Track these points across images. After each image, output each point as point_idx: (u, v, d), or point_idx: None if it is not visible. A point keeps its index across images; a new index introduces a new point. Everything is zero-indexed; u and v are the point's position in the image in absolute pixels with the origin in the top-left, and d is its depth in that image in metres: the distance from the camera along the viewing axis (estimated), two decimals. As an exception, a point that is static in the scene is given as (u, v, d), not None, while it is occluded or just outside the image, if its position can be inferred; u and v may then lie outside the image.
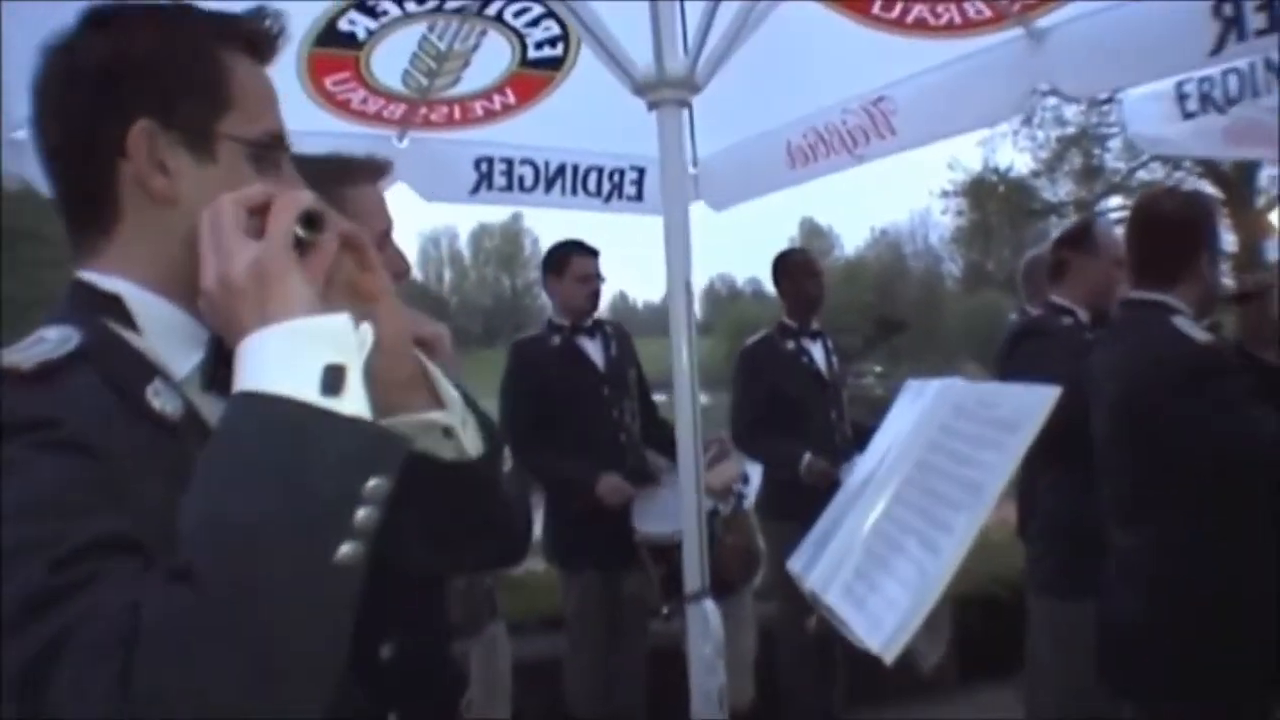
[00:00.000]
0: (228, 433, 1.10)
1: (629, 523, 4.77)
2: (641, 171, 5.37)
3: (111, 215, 1.33)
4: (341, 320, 1.14)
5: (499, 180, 5.07)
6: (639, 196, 5.39)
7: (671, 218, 3.07)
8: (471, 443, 1.43)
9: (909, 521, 2.06)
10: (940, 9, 4.01)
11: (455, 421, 1.40)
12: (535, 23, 4.32)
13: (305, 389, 1.08)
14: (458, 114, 4.83)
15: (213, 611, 0.97)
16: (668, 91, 3.06)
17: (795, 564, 2.35)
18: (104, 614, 0.97)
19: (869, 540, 2.12)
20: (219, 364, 1.30)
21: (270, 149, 1.38)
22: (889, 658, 1.88)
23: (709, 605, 3.02)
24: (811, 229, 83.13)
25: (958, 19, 4.03)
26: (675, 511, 3.36)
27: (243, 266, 1.15)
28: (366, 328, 1.18)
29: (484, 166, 5.03)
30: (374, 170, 2.23)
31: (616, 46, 3.07)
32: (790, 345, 5.64)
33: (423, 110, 4.72)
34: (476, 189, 5.04)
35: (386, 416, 1.32)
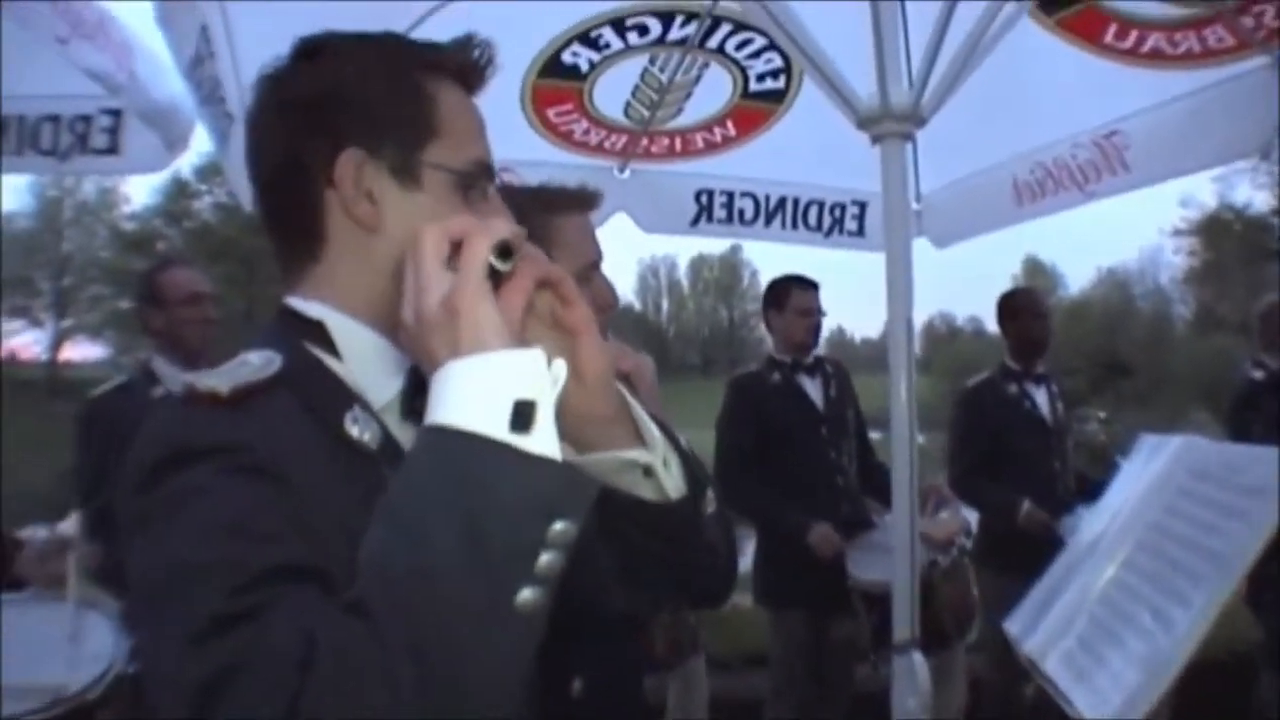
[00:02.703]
0: (411, 466, 1.09)
1: (842, 566, 4.65)
2: (863, 206, 5.26)
3: (318, 242, 1.35)
4: (533, 355, 1.11)
5: (719, 213, 5.06)
6: (860, 231, 5.28)
7: (893, 254, 2.98)
8: (673, 483, 1.38)
9: (1141, 591, 1.92)
10: (1178, 37, 3.80)
11: (656, 461, 1.35)
12: (757, 55, 4.31)
13: (493, 425, 1.06)
14: (679, 145, 4.83)
15: (385, 652, 0.96)
16: (891, 124, 2.98)
17: (1013, 626, 2.22)
18: (279, 642, 0.98)
19: (1095, 608, 1.98)
20: (418, 392, 1.31)
21: (477, 178, 1.37)
22: (1115, 741, 1.73)
23: (917, 657, 2.90)
24: (1035, 267, 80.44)
25: (1197, 47, 3.81)
26: (890, 559, 3.25)
27: (436, 299, 1.14)
28: (560, 363, 1.14)
29: (704, 199, 5.02)
30: (583, 200, 2.22)
31: (839, 79, 3.01)
32: (1013, 389, 5.43)
33: (644, 142, 4.74)
34: (696, 221, 5.05)
35: (586, 453, 1.30)
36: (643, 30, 4.10)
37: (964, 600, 4.75)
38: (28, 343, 53.15)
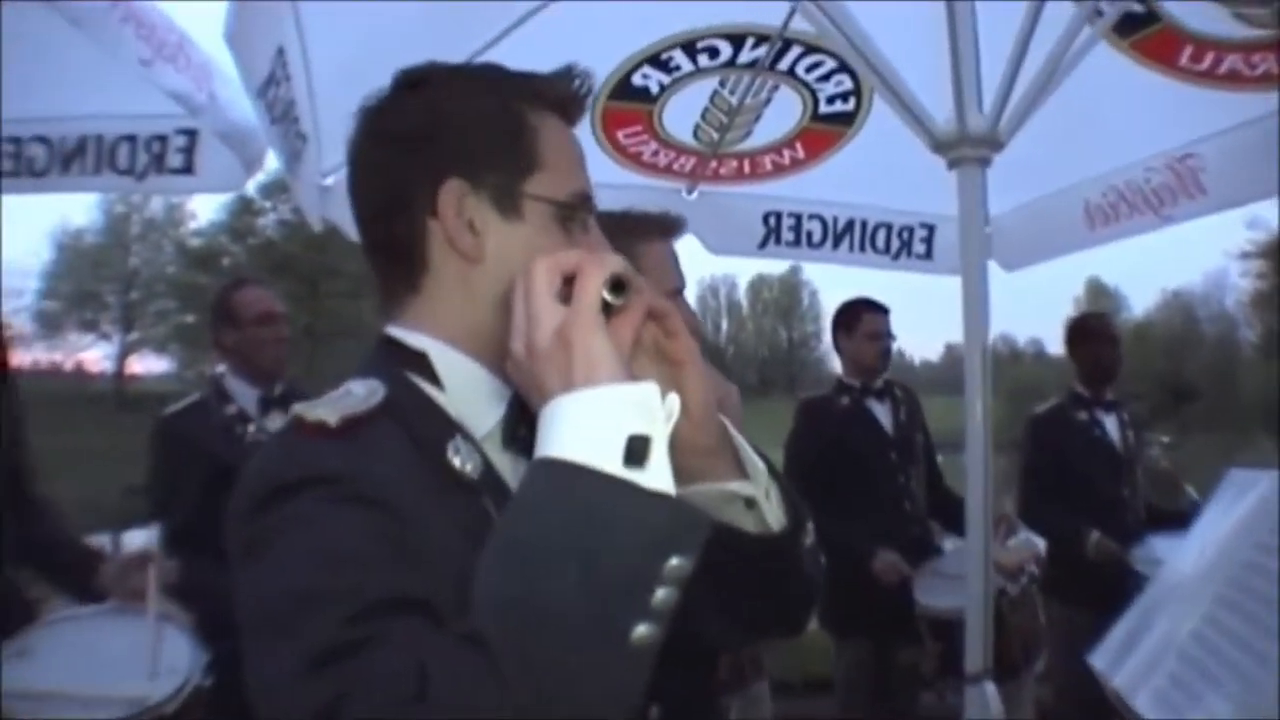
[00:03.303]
0: (525, 500, 1.09)
1: (907, 594, 4.59)
2: (931, 229, 5.24)
3: (420, 272, 1.36)
4: (648, 389, 1.11)
5: (787, 235, 5.07)
6: (928, 255, 5.26)
7: (970, 280, 2.96)
8: (774, 515, 1.37)
9: (1236, 629, 1.87)
10: (1256, 59, 3.74)
11: (759, 493, 1.35)
12: (827, 77, 4.30)
13: (607, 459, 1.05)
14: (747, 168, 4.84)
15: (501, 685, 0.96)
16: (969, 149, 2.96)
17: (1098, 661, 2.18)
18: (393, 672, 0.98)
19: (1187, 645, 1.94)
20: (520, 422, 1.32)
21: (577, 209, 1.37)
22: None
23: (989, 688, 2.87)
24: (1098, 289, 79.18)
25: (1275, 68, 3.75)
26: (959, 586, 3.21)
27: (548, 331, 1.15)
28: (674, 398, 1.14)
29: (772, 221, 5.03)
30: (668, 227, 2.22)
31: (916, 103, 2.99)
32: (1082, 416, 5.34)
33: (712, 164, 4.75)
34: (764, 243, 5.06)
35: (689, 484, 1.29)
36: (713, 53, 4.11)
37: (1032, 630, 4.68)
38: (96, 357, 54.09)
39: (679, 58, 4.12)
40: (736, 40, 4.07)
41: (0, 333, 4.01)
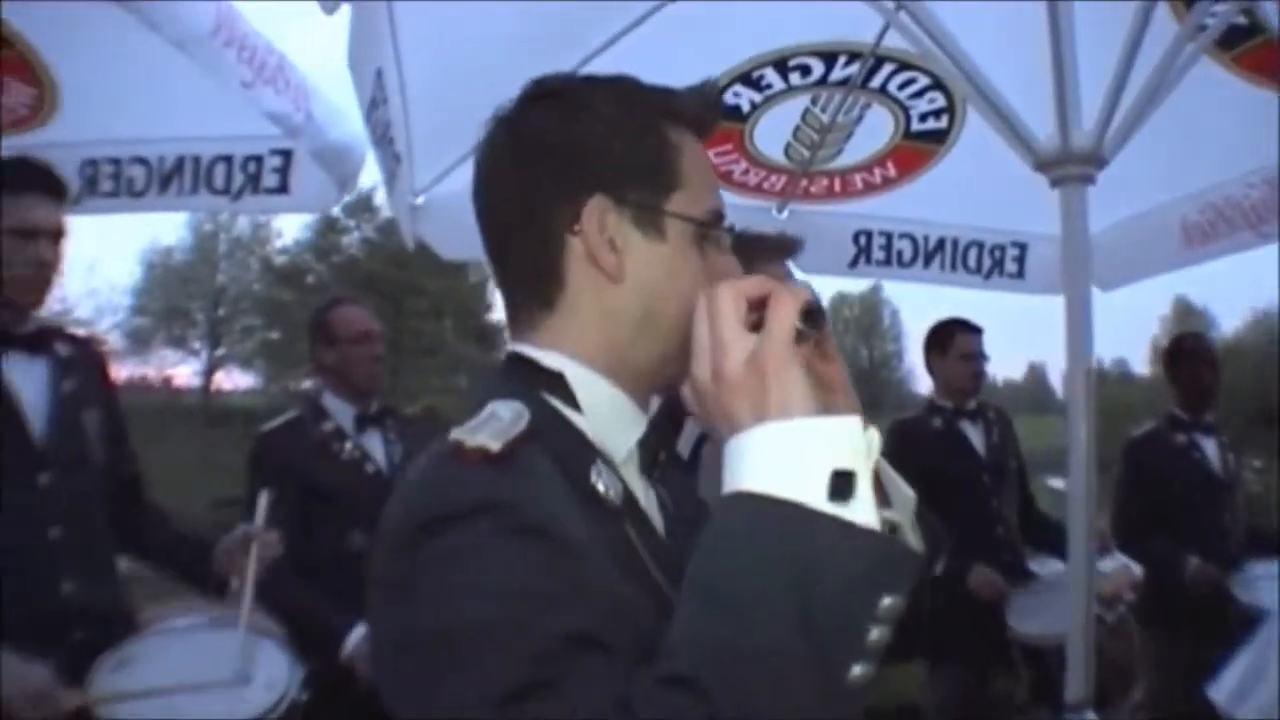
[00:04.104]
0: (726, 536, 1.05)
1: (1000, 619, 4.50)
2: (1023, 247, 5.16)
3: (556, 289, 1.31)
4: (852, 423, 1.06)
5: (877, 254, 5.02)
6: (1020, 274, 5.18)
7: (1073, 300, 2.90)
8: (914, 542, 1.32)
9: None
10: (1367, 69, 3.64)
11: (904, 520, 1.31)
12: (920, 94, 4.26)
13: (812, 494, 1.01)
14: (838, 186, 4.80)
15: None
16: (1072, 167, 2.91)
17: (1217, 695, 2.13)
18: (594, 714, 0.95)
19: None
20: (659, 447, 1.30)
21: (714, 228, 1.34)
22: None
23: (1091, 718, 2.81)
24: (1185, 308, 77.37)
25: (1382, 81, 3.65)
26: (1054, 611, 3.14)
27: (740, 360, 1.11)
28: (874, 432, 1.09)
29: (863, 240, 4.99)
30: (785, 247, 2.21)
31: (1019, 120, 2.95)
32: (1181, 439, 5.21)
33: (803, 183, 4.72)
34: (855, 262, 5.02)
35: None
36: (805, 71, 4.09)
37: (1130, 660, 4.57)
38: (184, 373, 54.97)
39: (770, 76, 4.10)
40: (828, 58, 4.04)
41: (101, 348, 4.08)
